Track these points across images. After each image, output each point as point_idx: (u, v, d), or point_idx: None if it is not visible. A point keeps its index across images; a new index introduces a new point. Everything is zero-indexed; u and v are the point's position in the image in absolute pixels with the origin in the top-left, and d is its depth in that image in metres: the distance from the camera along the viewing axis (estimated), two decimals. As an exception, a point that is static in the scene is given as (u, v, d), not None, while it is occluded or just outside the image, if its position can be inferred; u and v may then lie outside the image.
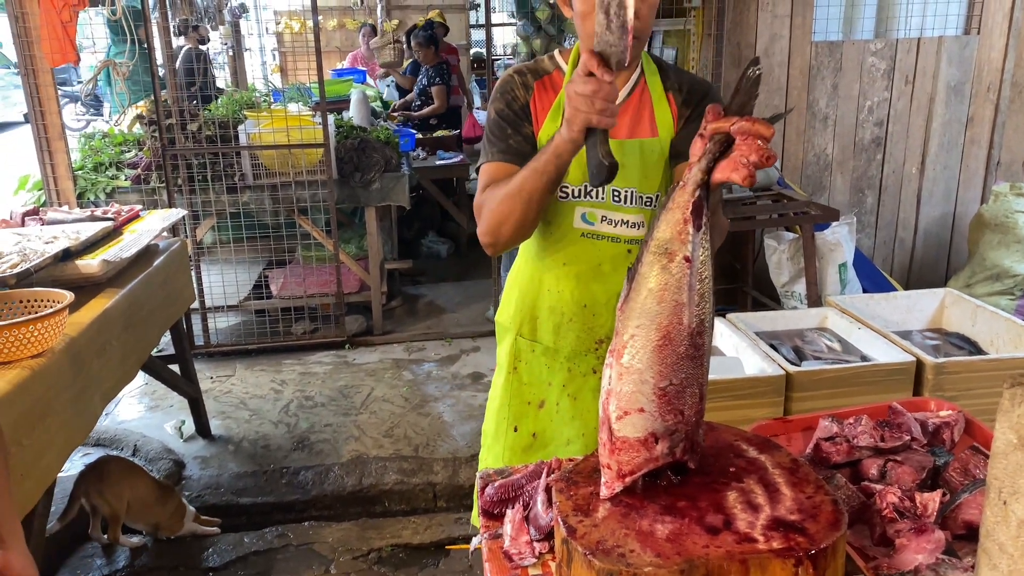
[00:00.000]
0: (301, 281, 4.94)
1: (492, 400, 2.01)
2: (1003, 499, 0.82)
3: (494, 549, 1.23)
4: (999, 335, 2.31)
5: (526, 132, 1.73)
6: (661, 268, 1.08)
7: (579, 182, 1.73)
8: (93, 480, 2.92)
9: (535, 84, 1.76)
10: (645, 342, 1.10)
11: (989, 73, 4.75)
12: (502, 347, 1.98)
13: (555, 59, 1.80)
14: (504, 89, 1.76)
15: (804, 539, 1.00)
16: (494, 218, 1.63)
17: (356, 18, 11.29)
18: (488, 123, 1.77)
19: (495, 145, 1.73)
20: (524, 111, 1.74)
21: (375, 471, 3.52)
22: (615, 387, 1.12)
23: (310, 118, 4.69)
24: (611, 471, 1.12)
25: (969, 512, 1.18)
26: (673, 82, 1.77)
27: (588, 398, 1.87)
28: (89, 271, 2.73)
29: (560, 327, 1.85)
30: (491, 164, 1.72)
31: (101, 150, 4.88)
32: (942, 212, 5.00)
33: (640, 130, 1.74)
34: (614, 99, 1.34)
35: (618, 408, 1.11)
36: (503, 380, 1.95)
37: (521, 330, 1.91)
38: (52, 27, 4.02)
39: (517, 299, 1.91)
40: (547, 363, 1.89)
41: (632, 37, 1.53)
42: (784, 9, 4.44)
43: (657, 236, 1.09)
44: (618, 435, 1.11)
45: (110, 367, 2.66)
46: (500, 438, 1.95)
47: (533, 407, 1.92)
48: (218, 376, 4.48)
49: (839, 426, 1.42)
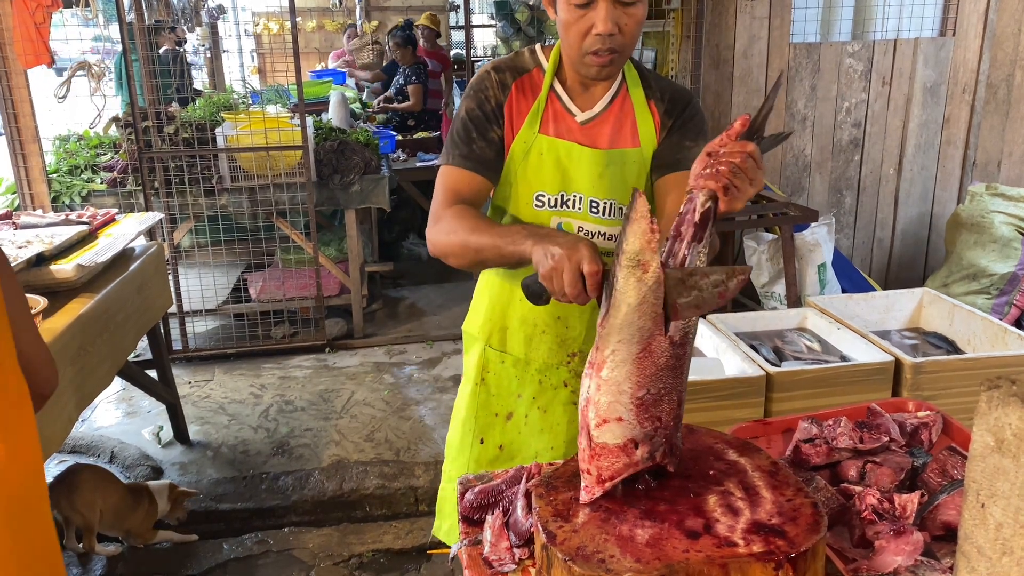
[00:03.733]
0: (280, 284, 4.90)
1: (458, 410, 1.96)
2: (981, 502, 0.82)
3: (474, 555, 1.22)
4: (976, 334, 2.33)
5: (492, 137, 1.67)
6: (637, 281, 1.06)
7: (556, 191, 1.69)
8: (64, 492, 2.87)
9: (513, 84, 1.69)
10: (626, 356, 1.09)
11: (964, 74, 4.80)
12: (469, 356, 1.92)
13: (536, 55, 1.73)
14: (479, 87, 1.68)
15: (784, 542, 1.00)
16: (444, 248, 1.58)
17: (335, 19, 11.25)
18: (456, 120, 1.70)
19: (458, 148, 1.66)
20: (496, 113, 1.67)
21: (356, 476, 3.49)
22: (593, 396, 1.11)
23: (288, 120, 4.66)
24: (591, 476, 1.12)
25: (947, 513, 1.19)
26: (655, 91, 1.72)
27: (558, 411, 1.84)
28: (64, 276, 2.69)
29: (532, 339, 1.81)
30: (451, 169, 1.66)
31: (76, 153, 4.82)
32: (919, 212, 5.05)
33: (621, 140, 1.69)
34: (586, 301, 1.24)
35: (597, 416, 1.11)
36: (470, 390, 1.90)
37: (490, 340, 1.85)
38: (25, 28, 3.96)
39: (487, 309, 1.86)
40: (517, 375, 1.85)
41: (610, 60, 1.54)
42: (763, 11, 4.47)
43: (627, 249, 1.06)
44: (597, 441, 1.11)
45: (85, 373, 2.62)
46: (465, 450, 1.90)
47: (501, 419, 1.88)
48: (196, 381, 4.44)
49: (818, 428, 1.43)
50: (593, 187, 1.67)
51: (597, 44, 1.53)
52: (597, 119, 1.68)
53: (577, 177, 1.67)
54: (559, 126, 1.67)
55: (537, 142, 1.67)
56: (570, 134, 1.67)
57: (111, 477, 3.09)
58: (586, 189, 1.67)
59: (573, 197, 1.68)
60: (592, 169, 1.66)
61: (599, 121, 1.68)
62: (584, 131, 1.68)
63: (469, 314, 1.94)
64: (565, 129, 1.67)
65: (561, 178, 1.67)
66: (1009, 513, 0.80)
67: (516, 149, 1.67)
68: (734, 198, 1.16)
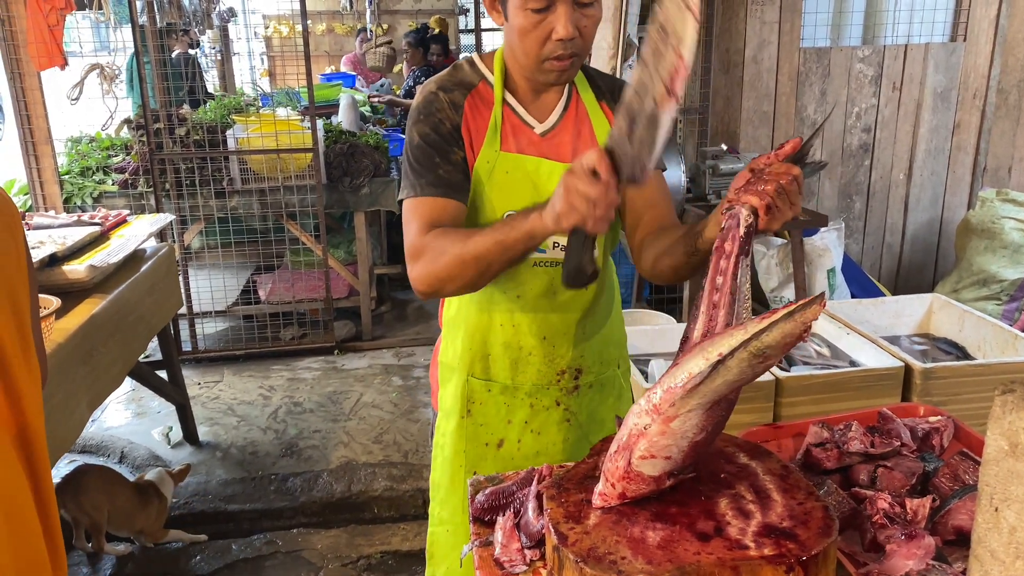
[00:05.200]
0: (290, 286, 4.92)
1: (441, 448, 1.80)
2: (995, 506, 0.83)
3: (485, 556, 1.22)
4: (986, 340, 2.33)
5: (456, 159, 1.55)
6: (750, 367, 1.00)
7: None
8: (70, 493, 2.88)
9: (465, 103, 1.57)
10: (700, 413, 1.06)
11: (975, 80, 4.78)
12: (447, 389, 1.78)
13: (477, 67, 1.63)
14: (429, 110, 1.56)
15: (795, 545, 1.00)
16: (439, 274, 1.43)
17: (345, 23, 11.28)
18: (411, 149, 1.56)
19: (423, 176, 1.53)
20: (454, 135, 1.56)
21: (364, 477, 3.50)
22: (652, 437, 1.07)
23: (299, 122, 4.68)
24: (614, 490, 1.11)
25: (959, 518, 1.19)
26: (603, 91, 1.66)
27: (552, 431, 1.76)
28: (76, 276, 2.71)
29: (518, 363, 1.70)
30: (422, 200, 1.52)
31: (88, 154, 4.85)
32: (929, 217, 5.03)
33: (583, 147, 1.60)
34: (616, 205, 1.21)
35: (647, 450, 1.08)
36: (454, 426, 1.75)
37: (472, 370, 1.73)
38: (38, 31, 3.99)
39: (464, 338, 1.72)
40: (506, 401, 1.74)
41: (572, 58, 1.44)
42: (773, 15, 4.46)
43: (765, 340, 0.96)
44: (635, 468, 1.09)
45: (97, 373, 2.63)
46: (457, 487, 1.76)
47: (491, 448, 1.76)
48: (206, 382, 4.46)
49: (829, 432, 1.43)
50: None
51: (559, 49, 1.45)
52: (556, 129, 1.62)
53: (549, 191, 1.55)
54: (520, 140, 1.59)
55: (501, 160, 1.57)
56: (532, 148, 1.59)
57: (118, 478, 3.10)
58: None
59: None
60: None
61: (558, 131, 1.62)
62: (546, 143, 1.61)
63: (442, 344, 1.80)
64: (527, 143, 1.59)
65: (531, 194, 1.57)
66: (1023, 517, 0.80)
67: (480, 169, 1.57)
68: (773, 218, 1.16)
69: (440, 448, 1.81)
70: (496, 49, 1.63)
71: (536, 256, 1.60)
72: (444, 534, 1.80)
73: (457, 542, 1.77)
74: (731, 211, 1.17)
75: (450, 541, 1.79)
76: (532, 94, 1.60)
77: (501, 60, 1.60)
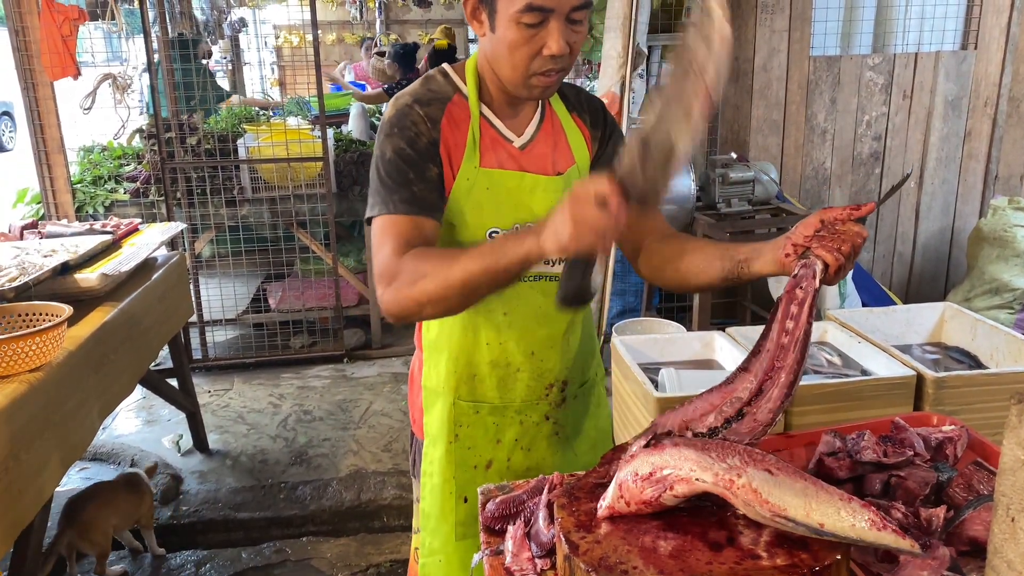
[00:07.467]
0: (300, 294, 4.93)
1: (430, 476, 1.73)
2: (1011, 516, 0.82)
3: (495, 565, 1.22)
4: (999, 349, 2.31)
5: (431, 176, 1.48)
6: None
7: (510, 224, 1.55)
8: (76, 533, 2.86)
9: (442, 117, 1.51)
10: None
11: (986, 88, 4.77)
12: (432, 415, 1.72)
13: (451, 79, 1.57)
14: (403, 124, 1.49)
15: (808, 555, 0.99)
16: (417, 298, 1.34)
17: (355, 32, 11.35)
18: (383, 164, 1.47)
19: (396, 193, 1.45)
20: (431, 151, 1.49)
21: (374, 486, 3.50)
22: (698, 488, 1.06)
23: (309, 132, 4.70)
24: (628, 508, 1.11)
25: (974, 528, 1.18)
26: (574, 103, 1.65)
27: (542, 447, 1.73)
28: (88, 285, 2.72)
29: (506, 380, 1.67)
30: (396, 218, 1.44)
31: (100, 163, 4.88)
32: (941, 226, 5.01)
33: (562, 160, 1.60)
34: (621, 230, 1.17)
35: (682, 493, 1.08)
36: (442, 452, 1.70)
37: (459, 393, 1.67)
38: (52, 41, 4.03)
39: (448, 360, 1.66)
40: (495, 421, 1.69)
41: (554, 71, 1.41)
42: (782, 24, 4.47)
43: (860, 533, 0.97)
44: (663, 501, 1.09)
45: (108, 381, 2.65)
46: (448, 516, 1.71)
47: (480, 470, 1.72)
48: (216, 390, 4.47)
49: (842, 441, 1.42)
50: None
51: (548, 64, 1.41)
52: (534, 141, 1.59)
53: (534, 205, 1.55)
54: (499, 155, 1.55)
55: (480, 177, 1.52)
56: (512, 162, 1.55)
57: (110, 486, 3.08)
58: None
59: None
60: (551, 196, 1.55)
61: (536, 143, 1.59)
62: (525, 156, 1.57)
63: (425, 369, 1.73)
64: (506, 157, 1.55)
65: (514, 210, 1.54)
66: (1039, 528, 0.79)
67: (460, 186, 1.52)
68: (837, 276, 1.21)
69: (428, 476, 1.74)
70: (466, 59, 1.59)
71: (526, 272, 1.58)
72: (436, 564, 1.74)
73: (451, 571, 1.73)
74: (806, 261, 1.23)
75: (443, 570, 1.74)
76: (508, 107, 1.56)
77: (475, 71, 1.55)
